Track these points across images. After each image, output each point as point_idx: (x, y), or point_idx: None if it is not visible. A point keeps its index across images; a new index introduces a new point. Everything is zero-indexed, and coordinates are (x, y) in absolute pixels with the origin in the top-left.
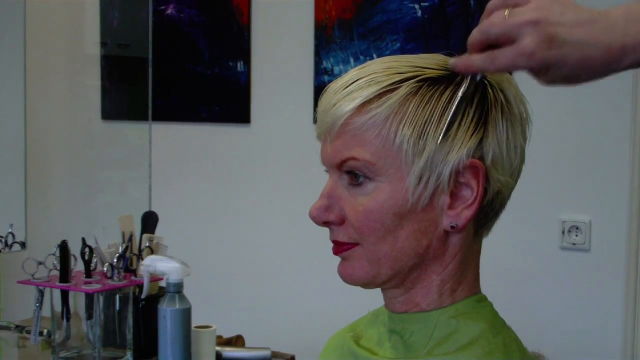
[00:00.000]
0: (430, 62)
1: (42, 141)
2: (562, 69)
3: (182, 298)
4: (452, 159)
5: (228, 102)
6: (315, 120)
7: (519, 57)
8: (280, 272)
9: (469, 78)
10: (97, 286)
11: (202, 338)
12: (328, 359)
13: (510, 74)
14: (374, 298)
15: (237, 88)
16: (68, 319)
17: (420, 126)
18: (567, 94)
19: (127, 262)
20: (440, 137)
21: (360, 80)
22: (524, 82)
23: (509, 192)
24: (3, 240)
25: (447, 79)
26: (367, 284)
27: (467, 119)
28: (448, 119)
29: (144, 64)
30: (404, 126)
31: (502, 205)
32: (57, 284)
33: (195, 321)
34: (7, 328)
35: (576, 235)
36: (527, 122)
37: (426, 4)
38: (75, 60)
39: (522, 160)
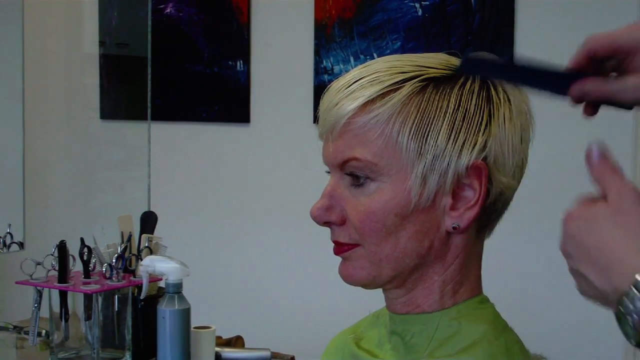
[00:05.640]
0: (433, 61)
1: (40, 141)
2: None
3: (182, 298)
4: (455, 159)
5: (228, 102)
6: (315, 120)
7: None
8: (280, 273)
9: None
10: (95, 287)
11: (201, 339)
12: None
13: None
14: (375, 298)
15: (236, 87)
16: (66, 320)
17: (423, 126)
18: None
19: (126, 262)
20: (443, 138)
21: (363, 80)
22: None
23: (512, 193)
24: (1, 240)
25: (451, 79)
26: (368, 285)
27: (470, 120)
28: (451, 120)
29: (143, 63)
30: (406, 126)
31: (505, 206)
32: (56, 284)
33: (194, 322)
34: (5, 329)
35: None
36: (530, 123)
37: (427, 2)
38: (73, 59)
39: (525, 161)
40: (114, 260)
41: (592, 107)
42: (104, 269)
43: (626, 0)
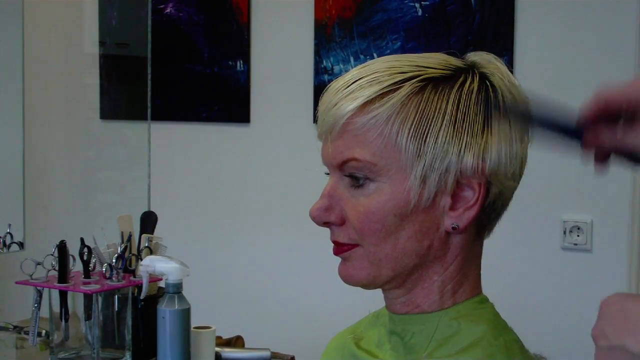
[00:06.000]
0: (432, 61)
1: (40, 141)
2: None
3: (182, 298)
4: (454, 160)
5: (227, 102)
6: (315, 120)
7: None
8: (280, 273)
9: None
10: (95, 287)
11: (201, 339)
12: None
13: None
14: (375, 298)
15: (236, 87)
16: (66, 320)
17: (422, 126)
18: (568, 94)
19: (126, 262)
20: (442, 138)
21: (362, 80)
22: (526, 81)
23: (511, 193)
24: (1, 240)
25: (449, 79)
26: (367, 285)
27: (469, 120)
28: (450, 120)
29: (143, 63)
30: (405, 126)
31: (504, 206)
32: (56, 284)
33: (194, 322)
34: (5, 329)
35: (577, 236)
36: (530, 123)
37: (426, 2)
38: (73, 59)
39: (524, 161)
40: (114, 260)
41: (602, 158)
42: (104, 269)
43: (626, 0)
